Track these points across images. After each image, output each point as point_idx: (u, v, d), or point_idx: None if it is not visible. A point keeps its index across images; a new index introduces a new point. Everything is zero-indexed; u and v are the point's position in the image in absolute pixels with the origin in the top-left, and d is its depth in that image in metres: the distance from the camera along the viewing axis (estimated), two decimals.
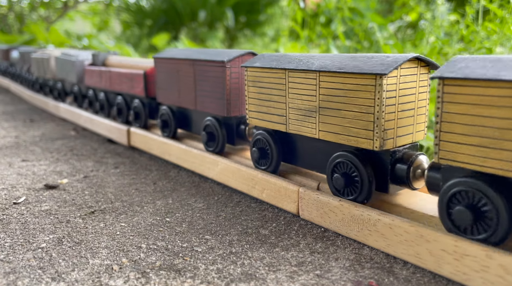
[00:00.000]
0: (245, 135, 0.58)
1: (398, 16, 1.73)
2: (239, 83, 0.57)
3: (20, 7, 3.35)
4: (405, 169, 0.40)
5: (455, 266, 0.33)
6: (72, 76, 0.99)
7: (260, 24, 2.72)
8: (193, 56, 0.61)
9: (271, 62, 0.49)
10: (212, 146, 0.60)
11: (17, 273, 0.36)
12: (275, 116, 0.50)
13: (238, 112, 0.58)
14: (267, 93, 0.50)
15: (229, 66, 0.55)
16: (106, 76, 0.85)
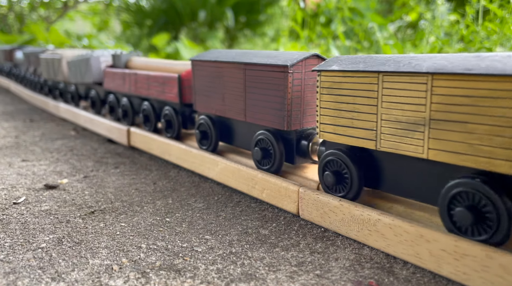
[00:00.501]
0: (308, 152, 0.50)
1: (398, 16, 1.73)
2: (302, 91, 0.49)
3: (20, 7, 3.35)
4: None
5: (455, 266, 0.33)
6: (89, 79, 0.90)
7: (260, 24, 2.72)
8: (244, 59, 0.54)
9: (355, 64, 0.41)
10: (267, 164, 0.52)
11: (17, 273, 0.36)
12: (359, 131, 0.41)
13: (299, 125, 0.49)
14: (349, 102, 0.41)
15: (291, 71, 0.47)
16: (130, 80, 0.77)
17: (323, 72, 0.43)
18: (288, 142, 0.50)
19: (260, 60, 0.51)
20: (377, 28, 1.23)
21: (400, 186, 0.40)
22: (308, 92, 0.49)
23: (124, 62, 0.84)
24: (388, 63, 0.39)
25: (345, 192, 0.43)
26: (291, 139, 0.50)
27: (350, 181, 0.42)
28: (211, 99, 0.59)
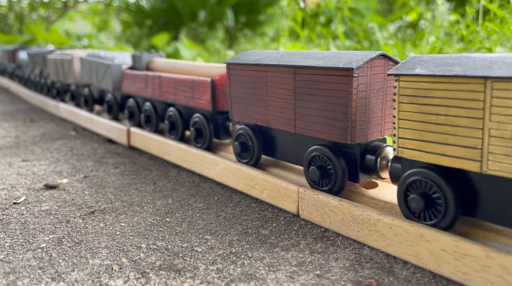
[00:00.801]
0: (376, 169, 0.43)
1: (398, 16, 1.73)
2: (367, 98, 0.42)
3: (20, 7, 3.35)
4: None
5: (455, 266, 0.33)
6: (107, 86, 0.83)
7: (260, 24, 2.72)
8: (294, 61, 0.47)
9: (447, 67, 0.34)
10: (326, 184, 0.45)
11: (17, 273, 0.36)
12: (456, 149, 0.34)
13: (364, 137, 0.43)
14: (441, 113, 0.35)
15: (356, 74, 0.40)
16: (154, 83, 0.71)
17: (404, 77, 0.36)
18: (350, 158, 0.44)
19: (316, 63, 0.44)
20: (377, 28, 1.23)
21: (508, 214, 0.34)
22: (373, 98, 0.43)
23: (145, 63, 0.78)
24: (496, 65, 0.32)
25: (438, 220, 0.36)
26: (354, 154, 0.43)
27: (444, 207, 0.36)
28: (251, 107, 0.53)
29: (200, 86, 0.61)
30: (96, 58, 0.86)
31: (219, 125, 0.61)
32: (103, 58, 0.84)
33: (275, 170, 0.54)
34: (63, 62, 1.02)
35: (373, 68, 0.42)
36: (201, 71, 0.66)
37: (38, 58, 1.26)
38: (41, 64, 1.25)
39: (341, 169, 0.43)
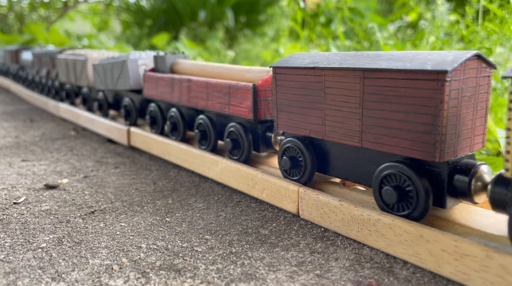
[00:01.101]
0: (470, 192, 0.36)
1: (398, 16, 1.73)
2: (458, 107, 0.36)
3: (20, 7, 3.35)
4: None
5: (455, 266, 0.33)
6: (123, 86, 0.77)
7: (260, 24, 2.72)
8: (361, 63, 0.40)
9: None
10: (404, 208, 0.39)
11: (17, 273, 0.36)
12: None
13: (453, 153, 0.36)
14: None
15: (449, 79, 0.34)
16: (181, 87, 0.64)
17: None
18: (435, 178, 0.37)
19: (393, 65, 0.38)
20: (377, 28, 1.23)
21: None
22: (464, 107, 0.36)
23: (169, 65, 0.71)
24: None
25: None
26: (440, 173, 0.37)
27: None
28: (303, 117, 0.46)
29: (239, 92, 0.55)
30: (112, 59, 0.81)
31: (259, 136, 0.55)
32: (120, 59, 0.78)
33: (275, 170, 0.54)
34: (75, 63, 0.95)
35: (467, 71, 0.36)
36: (236, 75, 0.59)
37: (45, 59, 1.19)
38: (48, 65, 1.18)
39: (425, 191, 0.37)
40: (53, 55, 1.13)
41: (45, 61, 1.19)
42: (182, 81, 0.65)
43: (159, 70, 0.72)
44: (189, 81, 0.63)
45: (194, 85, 0.62)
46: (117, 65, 0.78)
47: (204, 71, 0.65)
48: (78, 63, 0.94)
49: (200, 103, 0.62)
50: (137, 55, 0.77)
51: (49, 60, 1.16)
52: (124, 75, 0.76)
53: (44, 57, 1.20)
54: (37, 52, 1.26)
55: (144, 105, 0.78)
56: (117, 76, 0.79)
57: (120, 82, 0.78)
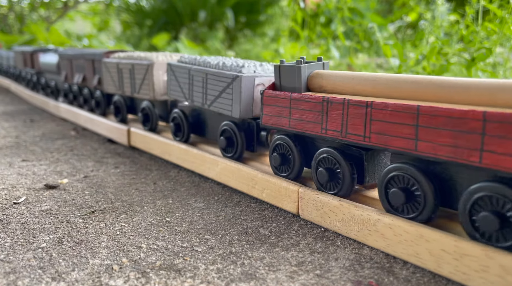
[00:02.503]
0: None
1: (398, 16, 1.73)
2: None
3: (20, 7, 3.35)
4: None
5: (455, 266, 0.33)
6: (226, 104, 0.55)
7: (260, 24, 2.72)
8: None
9: None
10: None
11: (17, 273, 0.36)
12: None
13: None
14: None
15: None
16: (351, 116, 0.41)
17: None
18: None
19: None
20: (377, 28, 1.23)
21: None
22: None
23: (305, 79, 0.47)
24: None
25: None
26: None
27: None
28: None
29: None
30: (203, 65, 0.60)
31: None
32: (217, 66, 0.57)
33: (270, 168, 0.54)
34: (133, 68, 0.75)
35: None
36: (478, 95, 0.35)
37: (80, 62, 0.97)
38: (84, 70, 0.96)
39: None
40: (95, 57, 0.91)
41: (79, 65, 0.98)
42: (352, 106, 0.41)
43: (285, 87, 0.49)
44: (369, 107, 0.40)
45: (385, 113, 0.39)
46: (218, 78, 0.56)
47: (389, 89, 0.41)
48: (138, 68, 0.74)
49: (397, 143, 0.38)
50: (251, 67, 0.54)
51: (86, 64, 0.94)
52: (234, 97, 0.53)
53: (78, 60, 0.98)
54: (67, 53, 1.02)
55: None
56: (215, 93, 0.57)
57: (221, 104, 0.57)
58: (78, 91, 1.01)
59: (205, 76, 0.59)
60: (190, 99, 0.63)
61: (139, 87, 0.75)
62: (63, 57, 1.05)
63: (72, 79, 1.02)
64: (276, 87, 0.50)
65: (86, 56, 0.94)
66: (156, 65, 0.71)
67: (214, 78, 0.57)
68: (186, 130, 0.65)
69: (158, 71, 0.71)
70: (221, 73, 0.56)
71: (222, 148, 0.58)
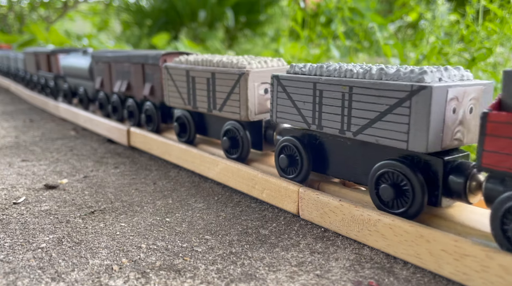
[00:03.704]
0: None
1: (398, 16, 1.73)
2: None
3: (20, 7, 3.35)
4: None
5: (455, 266, 0.33)
6: (409, 136, 0.37)
7: (260, 24, 2.72)
8: None
9: None
10: None
11: (17, 273, 0.36)
12: None
13: None
14: None
15: None
16: None
17: None
18: None
19: None
20: (377, 28, 1.23)
21: None
22: None
23: None
24: None
25: None
26: None
27: None
28: None
29: None
30: (339, 74, 0.43)
31: None
32: (370, 75, 0.40)
33: (275, 170, 0.54)
34: (214, 77, 0.57)
35: None
36: None
37: (126, 67, 0.79)
38: (131, 77, 0.78)
39: None
40: (147, 61, 0.73)
41: (121, 70, 0.80)
42: None
43: None
44: None
45: None
46: (383, 93, 0.39)
47: None
48: (222, 78, 0.56)
49: None
50: (435, 74, 0.37)
51: (133, 69, 0.77)
52: (410, 119, 0.37)
53: (120, 64, 0.80)
54: (105, 56, 0.84)
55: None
56: (373, 116, 0.40)
57: (387, 131, 0.39)
58: (118, 101, 0.83)
59: (349, 91, 0.42)
60: (317, 125, 0.45)
61: (223, 103, 0.56)
62: (99, 59, 0.87)
63: (111, 87, 0.84)
64: (506, 106, 0.33)
65: (133, 59, 0.76)
66: (252, 74, 0.53)
67: (370, 93, 0.40)
68: (305, 167, 0.48)
69: (253, 83, 0.53)
70: (386, 85, 0.38)
71: None
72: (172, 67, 0.65)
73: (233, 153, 0.57)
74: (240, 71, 0.53)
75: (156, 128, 0.74)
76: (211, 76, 0.58)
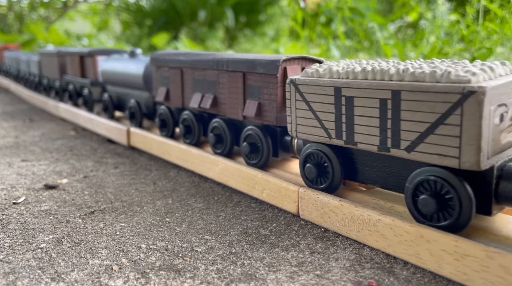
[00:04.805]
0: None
1: (398, 16, 1.73)
2: None
3: (20, 7, 3.35)
4: None
5: (455, 266, 0.33)
6: None
7: (260, 24, 2.72)
8: None
9: None
10: None
11: (16, 273, 0.36)
12: None
13: None
14: None
15: None
16: None
17: None
18: None
19: None
20: (377, 28, 1.23)
21: None
22: None
23: None
24: None
25: None
26: None
27: None
28: None
29: None
30: None
31: None
32: None
33: (275, 170, 0.54)
34: (399, 97, 0.36)
35: None
36: None
37: (207, 74, 0.60)
38: (215, 89, 0.58)
39: None
40: (258, 68, 0.52)
41: (203, 79, 0.60)
42: None
43: None
44: None
45: None
46: None
47: None
48: (421, 99, 0.35)
49: None
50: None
51: (224, 78, 0.57)
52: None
53: (201, 71, 0.60)
54: (176, 60, 0.65)
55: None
56: None
57: None
58: (193, 120, 0.62)
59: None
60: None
61: (417, 139, 0.36)
62: (163, 64, 0.68)
63: (183, 101, 0.64)
64: None
65: (227, 65, 0.55)
66: (489, 93, 0.32)
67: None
68: None
69: (489, 107, 0.32)
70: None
71: None
72: (307, 83, 0.43)
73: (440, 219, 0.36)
74: (464, 89, 0.32)
75: (263, 162, 0.53)
76: (392, 97, 0.37)
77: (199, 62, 0.61)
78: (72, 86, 1.03)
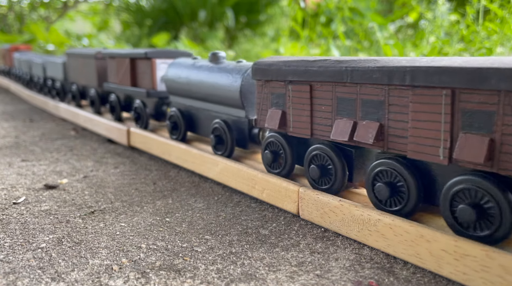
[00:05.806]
0: None
1: (398, 16, 1.73)
2: None
3: (20, 7, 3.35)
4: None
5: (455, 266, 0.33)
6: None
7: (260, 24, 2.72)
8: None
9: None
10: None
11: (16, 273, 0.36)
12: None
13: None
14: None
15: None
16: None
17: None
18: None
19: None
20: (377, 28, 1.23)
21: None
22: None
23: None
24: None
25: None
26: None
27: None
28: None
29: None
30: None
31: None
32: None
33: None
34: None
35: None
36: None
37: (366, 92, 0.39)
38: (380, 113, 0.39)
39: None
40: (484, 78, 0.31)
41: (353, 98, 0.41)
42: None
43: None
44: None
45: None
46: None
47: None
48: None
49: None
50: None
51: (418, 101, 0.35)
52: None
53: (354, 88, 0.40)
54: (300, 70, 0.44)
55: None
56: None
57: None
58: (332, 157, 0.44)
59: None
60: None
61: None
62: (274, 76, 0.48)
63: (312, 130, 0.45)
64: None
65: (401, 77, 0.36)
66: None
67: None
68: None
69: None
70: None
71: None
72: None
73: None
74: None
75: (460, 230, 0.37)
76: None
77: (348, 73, 0.40)
78: (114, 96, 0.83)
